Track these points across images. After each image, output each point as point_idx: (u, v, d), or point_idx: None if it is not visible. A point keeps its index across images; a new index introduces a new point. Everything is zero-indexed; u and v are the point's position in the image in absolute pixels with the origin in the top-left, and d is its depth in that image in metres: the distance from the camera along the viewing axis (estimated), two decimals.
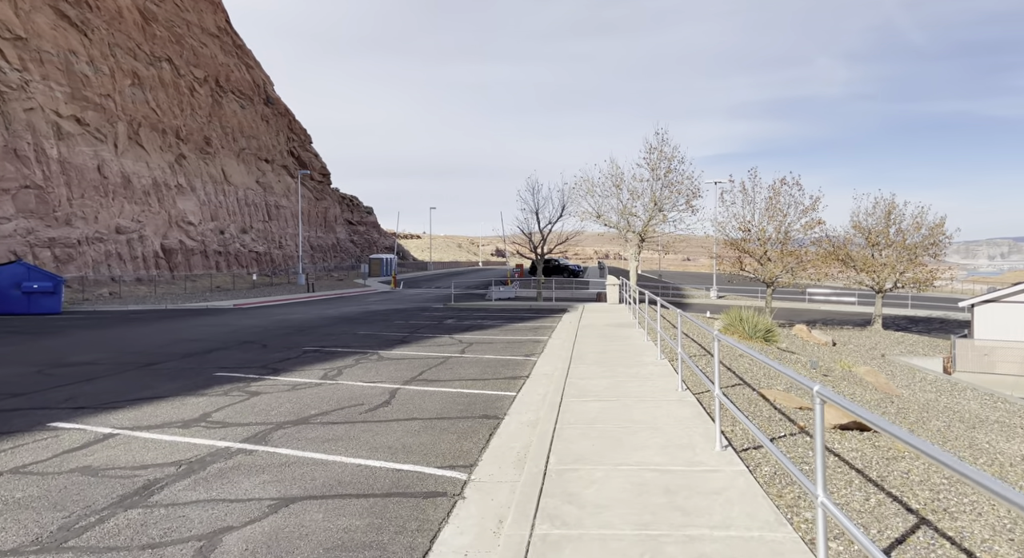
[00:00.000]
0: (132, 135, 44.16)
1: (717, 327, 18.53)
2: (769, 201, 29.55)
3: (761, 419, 7.23)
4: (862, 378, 13.39)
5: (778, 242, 29.60)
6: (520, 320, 21.18)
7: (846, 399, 3.14)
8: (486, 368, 11.27)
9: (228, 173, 56.62)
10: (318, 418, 7.59)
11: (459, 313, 24.70)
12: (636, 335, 14.91)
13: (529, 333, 17.04)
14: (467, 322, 20.58)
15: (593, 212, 26.21)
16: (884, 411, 10.11)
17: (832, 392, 3.18)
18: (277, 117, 69.57)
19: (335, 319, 22.71)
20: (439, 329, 18.48)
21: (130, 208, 41.83)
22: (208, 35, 56.87)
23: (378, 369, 11.26)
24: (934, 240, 31.01)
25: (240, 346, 14.97)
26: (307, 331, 18.41)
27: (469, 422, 7.30)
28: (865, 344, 27.31)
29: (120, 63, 43.96)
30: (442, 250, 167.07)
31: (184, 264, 46.41)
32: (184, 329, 19.14)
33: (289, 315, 24.76)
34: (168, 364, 12.12)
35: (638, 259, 25.91)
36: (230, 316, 24.45)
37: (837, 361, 15.64)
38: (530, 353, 13.10)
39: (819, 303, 45.46)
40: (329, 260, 74.06)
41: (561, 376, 9.61)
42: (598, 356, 11.62)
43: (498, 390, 9.21)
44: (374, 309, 27.99)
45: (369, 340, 15.91)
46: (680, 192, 25.40)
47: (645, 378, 9.27)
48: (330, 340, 15.97)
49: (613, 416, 6.96)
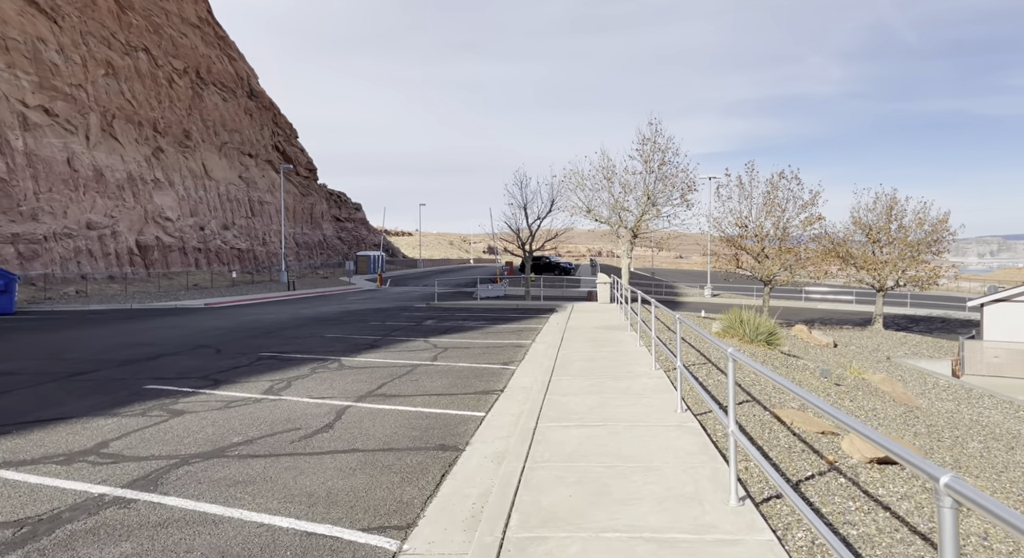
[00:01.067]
0: (105, 127, 42.44)
1: (715, 329, 17.21)
2: (767, 196, 28.28)
3: (779, 450, 5.89)
4: (877, 387, 12.10)
5: (776, 238, 28.34)
6: (504, 321, 19.81)
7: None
8: (457, 379, 9.89)
9: (209, 167, 54.91)
10: (238, 449, 6.19)
11: (441, 313, 23.31)
12: (628, 339, 13.57)
13: (511, 336, 15.67)
14: (447, 323, 19.19)
15: (583, 206, 24.84)
16: (913, 429, 8.82)
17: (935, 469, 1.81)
18: (262, 111, 67.83)
19: (308, 320, 21.28)
20: (415, 331, 17.09)
21: (102, 203, 40.15)
22: (188, 25, 55.11)
23: (334, 380, 9.87)
24: (937, 237, 29.83)
25: (192, 351, 13.54)
26: (273, 333, 16.98)
27: (420, 456, 5.92)
28: (867, 345, 26.10)
29: (93, 52, 42.22)
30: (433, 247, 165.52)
31: (161, 261, 44.76)
32: (140, 331, 17.66)
33: (261, 315, 23.30)
34: (98, 374, 10.67)
35: (630, 256, 24.58)
36: (197, 317, 22.97)
37: (847, 367, 14.35)
38: (509, 361, 11.73)
39: (816, 301, 44.31)
40: (315, 257, 72.44)
41: (540, 390, 8.25)
42: (584, 365, 10.26)
43: (465, 409, 7.83)
44: (353, 308, 26.56)
45: (336, 344, 14.50)
46: (674, 185, 24.07)
47: (638, 394, 7.91)
48: (294, 344, 14.56)
49: (598, 449, 5.60)
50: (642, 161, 23.95)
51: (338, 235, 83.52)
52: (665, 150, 23.98)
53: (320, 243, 75.45)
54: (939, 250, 29.90)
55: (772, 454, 5.72)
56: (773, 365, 12.12)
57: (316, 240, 74.62)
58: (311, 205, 75.37)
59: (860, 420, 7.26)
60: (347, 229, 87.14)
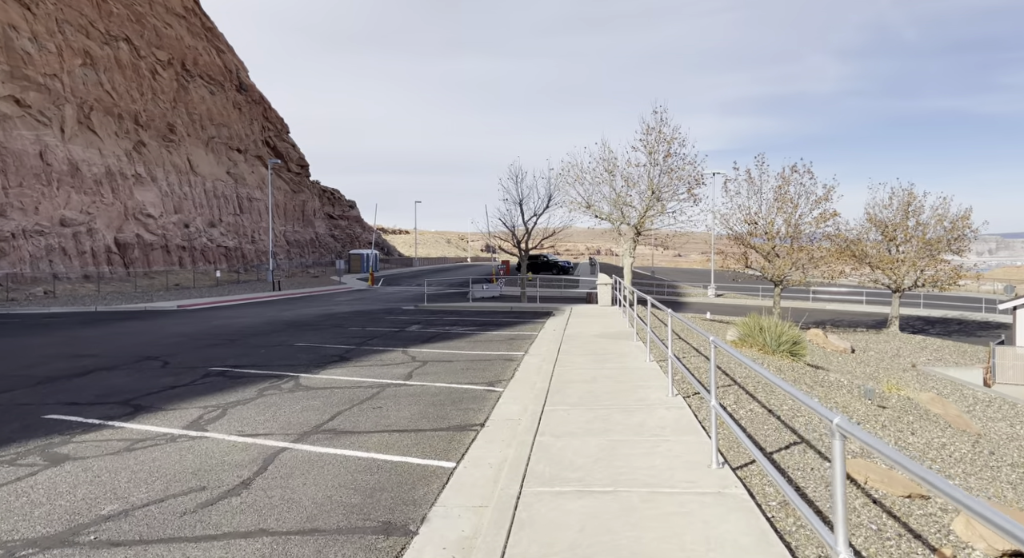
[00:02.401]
0: (82, 119, 40.57)
1: (730, 337, 15.46)
2: (777, 191, 26.50)
3: (866, 534, 4.11)
4: (927, 409, 10.36)
5: (788, 236, 26.58)
6: (495, 326, 18.04)
7: None
8: (430, 406, 8.12)
9: (195, 163, 53.04)
10: (100, 528, 4.41)
11: (429, 316, 21.53)
12: (634, 352, 11.81)
13: (501, 346, 13.90)
14: (432, 329, 17.42)
15: (583, 202, 23.05)
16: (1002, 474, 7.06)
17: None
18: (251, 105, 65.91)
19: (283, 324, 19.52)
20: (395, 339, 15.31)
21: (78, 198, 38.30)
22: (173, 15, 53.19)
23: (280, 407, 8.10)
24: (958, 234, 28.05)
25: (133, 365, 11.76)
26: (237, 341, 15.21)
27: (351, 546, 4.14)
28: (886, 351, 24.37)
29: (69, 41, 40.33)
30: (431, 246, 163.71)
31: (142, 260, 42.92)
32: (88, 339, 15.87)
33: (233, 319, 21.52)
34: (1, 397, 8.89)
35: (633, 255, 22.82)
36: (163, 320, 21.18)
37: (882, 381, 12.60)
38: (496, 380, 9.95)
39: (824, 302, 42.57)
40: (307, 256, 70.61)
41: (530, 426, 6.49)
42: (585, 388, 8.50)
43: (430, 456, 6.05)
44: (336, 311, 24.79)
45: (302, 355, 12.73)
46: (681, 179, 22.28)
47: (656, 434, 6.15)
48: (254, 355, 12.78)
49: (608, 540, 3.83)
50: (646, 152, 22.17)
51: (331, 233, 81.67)
52: (671, 140, 22.20)
53: (312, 241, 73.60)
54: (959, 248, 28.13)
55: (860, 542, 3.94)
56: (806, 384, 10.37)
57: (308, 238, 72.76)
58: (303, 202, 73.51)
59: (935, 471, 5.50)
60: (341, 227, 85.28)
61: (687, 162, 22.33)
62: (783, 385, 3.64)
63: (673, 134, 22.30)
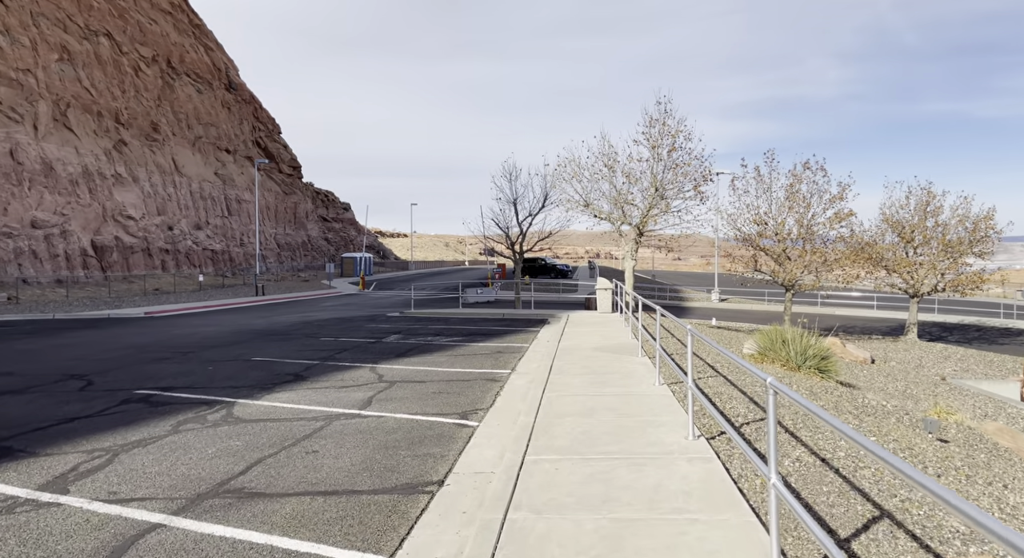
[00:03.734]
0: (58, 116, 38.79)
1: (747, 350, 13.66)
2: (789, 189, 24.72)
3: None
4: (995, 442, 8.56)
5: (800, 238, 24.79)
6: (483, 336, 16.22)
7: None
8: (379, 450, 6.31)
9: (180, 163, 51.25)
10: None
11: (412, 325, 19.72)
12: (639, 370, 10.00)
13: (486, 362, 12.09)
14: (413, 340, 15.61)
15: (580, 200, 21.24)
16: None
17: None
18: (241, 104, 64.16)
19: (251, 334, 17.72)
20: (368, 352, 13.50)
21: (52, 199, 36.49)
22: (158, 11, 51.46)
23: (188, 450, 6.29)
24: (980, 236, 26.25)
25: (49, 386, 9.96)
26: (189, 355, 13.41)
27: None
28: (908, 361, 22.58)
29: (45, 35, 38.58)
30: (428, 249, 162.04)
31: (121, 263, 41.09)
32: (21, 352, 14.05)
33: (199, 328, 19.73)
34: None
35: (635, 258, 21.02)
36: (121, 329, 19.37)
37: (935, 408, 10.78)
38: (471, 409, 8.15)
39: (834, 307, 40.77)
40: (298, 259, 68.80)
41: (503, 489, 4.69)
42: (580, 425, 6.70)
43: (353, 544, 4.23)
44: (315, 318, 22.99)
45: (252, 373, 10.92)
46: (687, 175, 20.51)
47: (678, 510, 4.34)
48: (197, 374, 10.98)
49: None
50: (649, 146, 20.37)
51: (324, 236, 79.87)
52: (676, 134, 20.42)
53: (304, 244, 71.79)
54: (983, 251, 26.32)
55: None
56: (850, 413, 8.56)
57: (300, 241, 70.96)
58: (294, 204, 71.72)
59: None
60: (335, 230, 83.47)
61: (693, 157, 20.55)
62: (860, 440, 1.85)
63: (678, 127, 20.53)
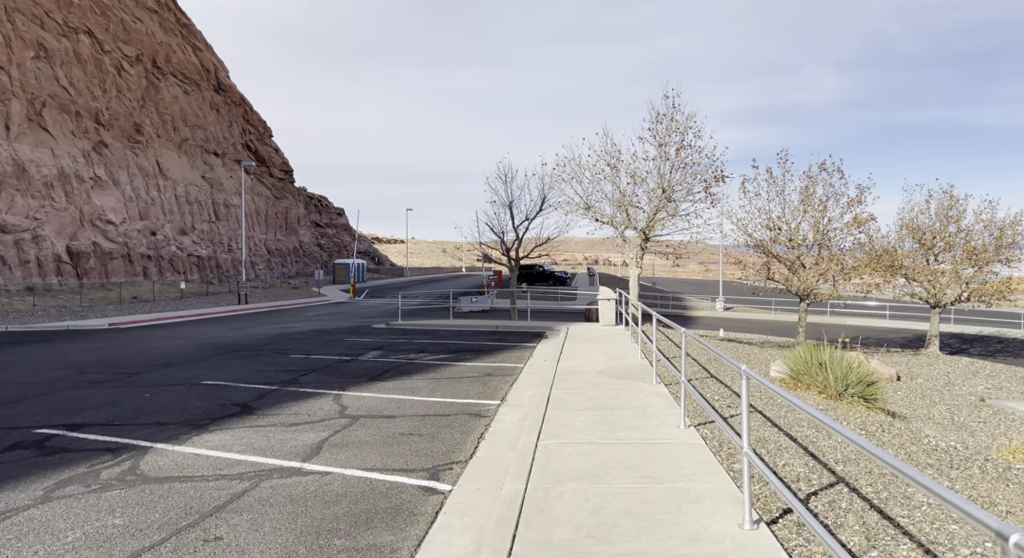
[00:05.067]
0: (33, 116, 37.06)
1: (775, 372, 11.91)
2: (804, 192, 23.05)
3: None
4: None
5: (815, 244, 23.09)
6: (473, 354, 14.46)
7: None
8: (298, 548, 4.54)
9: (165, 166, 49.51)
10: None
11: (396, 338, 17.94)
12: (656, 403, 8.24)
13: (472, 388, 10.32)
14: (392, 359, 13.83)
15: (581, 203, 19.54)
16: None
17: None
18: (231, 106, 62.50)
19: (215, 349, 15.95)
20: (338, 374, 11.73)
21: (23, 202, 34.71)
22: (143, 9, 49.85)
23: (36, 536, 4.52)
24: (1007, 242, 24.57)
25: None
26: (133, 377, 11.65)
27: None
28: (935, 377, 20.82)
29: (20, 30, 36.89)
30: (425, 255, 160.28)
31: (99, 270, 39.28)
32: None
33: (162, 342, 17.96)
34: None
35: (640, 265, 19.31)
36: (73, 344, 17.58)
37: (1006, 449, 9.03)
38: (443, 464, 6.37)
39: (843, 317, 39.07)
40: (289, 265, 66.98)
41: None
42: (589, 499, 4.93)
43: None
44: (293, 330, 21.23)
45: (193, 403, 9.15)
46: (696, 175, 18.82)
47: None
48: (127, 403, 9.20)
49: None
50: (656, 144, 18.68)
51: (317, 242, 78.09)
52: (685, 130, 18.74)
53: (295, 250, 69.99)
54: (1011, 258, 24.63)
55: None
56: (918, 458, 6.81)
57: (291, 247, 69.16)
58: (286, 209, 69.96)
59: None
60: (328, 235, 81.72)
61: (704, 155, 18.85)
62: None
63: (687, 123, 18.85)
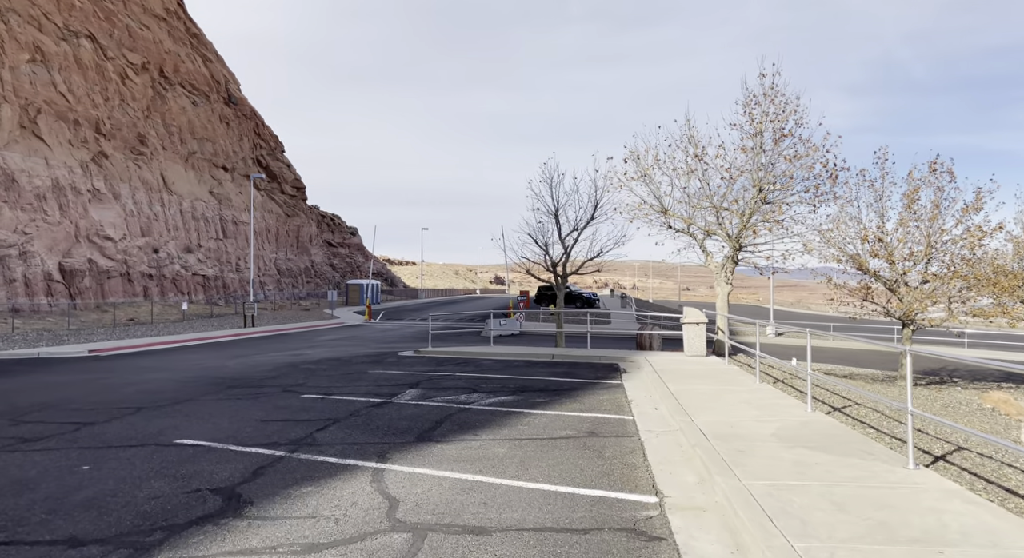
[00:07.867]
0: (26, 123, 34.15)
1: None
2: (910, 197, 19.33)
3: None
4: None
5: (924, 258, 19.30)
6: (543, 395, 10.76)
7: None
8: None
9: (170, 180, 46.57)
10: None
11: (433, 370, 14.27)
12: (962, 511, 4.50)
13: (587, 467, 6.62)
14: (439, 401, 10.16)
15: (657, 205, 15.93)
16: None
17: None
18: (241, 120, 59.83)
19: (208, 385, 12.38)
20: (368, 429, 8.08)
21: (12, 215, 31.60)
22: (151, 16, 47.37)
23: None
24: None
25: None
26: (78, 432, 8.08)
27: None
28: None
29: (15, 32, 34.19)
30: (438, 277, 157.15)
31: (94, 290, 36.01)
32: None
33: (145, 374, 14.43)
34: None
35: (730, 282, 15.72)
36: (30, 377, 14.07)
37: None
38: None
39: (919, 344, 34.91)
40: (300, 286, 63.70)
41: None
42: None
43: None
44: (306, 358, 17.67)
45: (148, 487, 5.51)
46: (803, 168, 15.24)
47: None
48: (32, 494, 5.60)
49: None
50: (752, 132, 15.15)
51: (329, 262, 74.93)
52: (786, 117, 15.21)
53: (307, 270, 66.76)
54: None
55: None
56: None
57: (302, 266, 65.95)
58: (297, 227, 66.91)
59: None
60: (340, 255, 78.57)
61: (811, 147, 15.24)
62: None
63: (788, 107, 15.28)
